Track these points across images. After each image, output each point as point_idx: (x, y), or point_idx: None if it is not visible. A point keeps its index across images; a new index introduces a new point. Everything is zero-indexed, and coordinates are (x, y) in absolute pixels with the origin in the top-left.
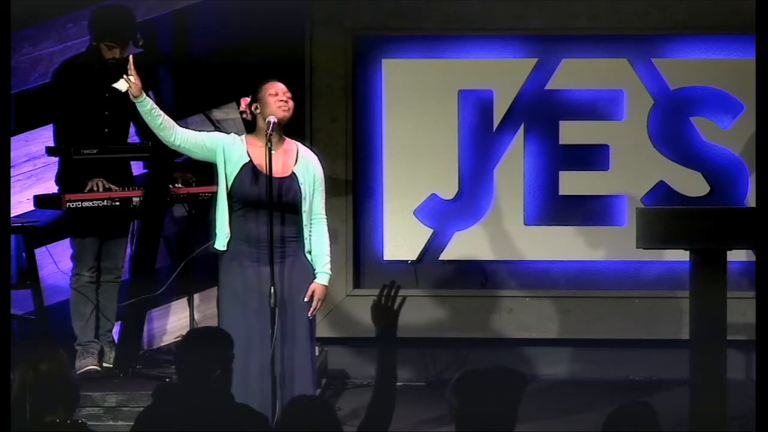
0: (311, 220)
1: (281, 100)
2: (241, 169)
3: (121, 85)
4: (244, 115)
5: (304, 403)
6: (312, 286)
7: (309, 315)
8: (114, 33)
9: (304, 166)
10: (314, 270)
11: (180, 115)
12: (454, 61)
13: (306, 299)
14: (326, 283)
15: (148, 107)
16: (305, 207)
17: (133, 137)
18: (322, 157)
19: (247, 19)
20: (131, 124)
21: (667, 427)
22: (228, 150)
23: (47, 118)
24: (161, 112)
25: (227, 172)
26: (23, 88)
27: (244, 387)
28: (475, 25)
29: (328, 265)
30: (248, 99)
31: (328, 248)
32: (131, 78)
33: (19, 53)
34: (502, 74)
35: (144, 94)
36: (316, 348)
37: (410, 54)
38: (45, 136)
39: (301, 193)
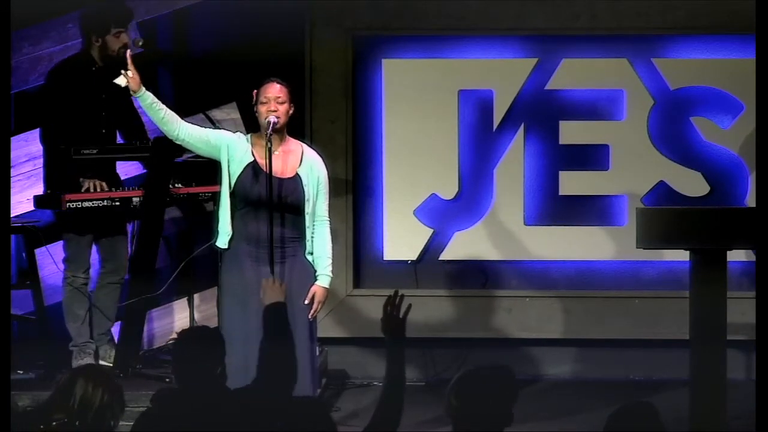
0: (314, 222)
1: (271, 110)
2: (244, 168)
3: (120, 80)
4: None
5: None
6: (313, 289)
7: (309, 317)
8: (116, 19)
9: (309, 167)
10: (315, 272)
11: (180, 115)
12: (454, 61)
13: (306, 302)
14: (327, 286)
15: (149, 101)
16: (308, 209)
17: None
18: (322, 158)
19: (247, 19)
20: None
21: (667, 427)
22: (232, 148)
23: (44, 119)
24: (163, 106)
25: (231, 171)
26: (23, 88)
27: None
28: (475, 25)
29: (330, 268)
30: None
31: (330, 251)
32: (129, 73)
33: (19, 53)
34: (502, 74)
35: (143, 89)
36: (317, 348)
37: (410, 54)
38: None
39: (304, 194)
